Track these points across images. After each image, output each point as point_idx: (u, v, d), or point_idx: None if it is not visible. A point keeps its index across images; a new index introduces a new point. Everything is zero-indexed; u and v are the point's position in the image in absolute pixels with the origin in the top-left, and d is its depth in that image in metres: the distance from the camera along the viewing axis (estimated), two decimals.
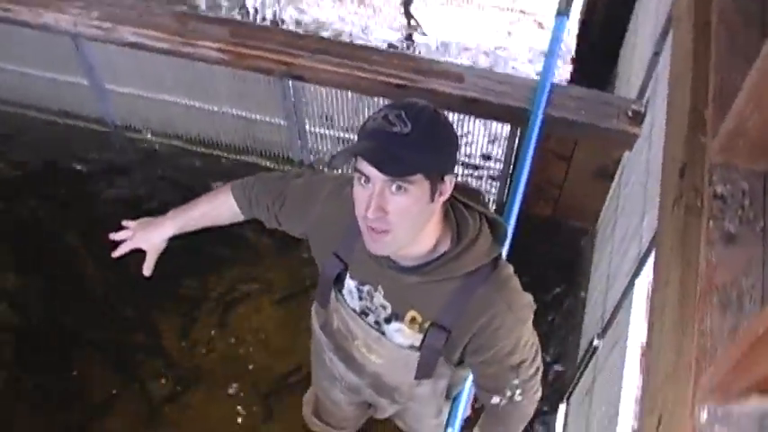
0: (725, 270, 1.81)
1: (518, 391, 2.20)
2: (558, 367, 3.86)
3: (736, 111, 1.84)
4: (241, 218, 2.50)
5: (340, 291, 2.27)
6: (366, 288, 2.18)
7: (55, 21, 3.89)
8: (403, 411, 2.81)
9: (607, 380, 2.95)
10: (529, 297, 2.14)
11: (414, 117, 1.80)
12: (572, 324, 3.96)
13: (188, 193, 2.69)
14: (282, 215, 2.36)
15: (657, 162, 2.81)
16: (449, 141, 1.89)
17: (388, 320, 2.20)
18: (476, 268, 2.03)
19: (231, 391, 3.79)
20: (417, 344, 2.18)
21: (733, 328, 1.72)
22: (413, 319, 2.14)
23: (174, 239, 2.50)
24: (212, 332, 3.98)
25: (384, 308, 2.18)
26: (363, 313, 2.24)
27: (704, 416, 1.62)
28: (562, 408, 3.66)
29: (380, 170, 1.79)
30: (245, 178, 2.46)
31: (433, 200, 1.88)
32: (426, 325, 2.12)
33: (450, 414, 2.62)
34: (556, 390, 3.77)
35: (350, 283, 2.22)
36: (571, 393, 3.60)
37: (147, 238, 2.48)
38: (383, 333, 2.23)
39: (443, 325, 2.10)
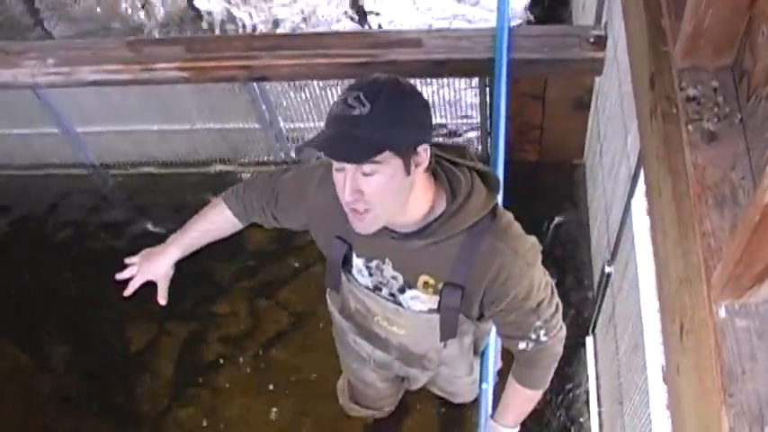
0: (713, 169, 1.83)
1: (542, 332, 2.21)
2: (576, 303, 3.88)
3: (691, 13, 1.86)
4: (240, 226, 2.52)
5: (349, 271, 2.29)
6: (374, 263, 2.20)
7: (13, 77, 3.88)
8: (436, 377, 2.84)
9: (625, 303, 2.98)
10: (533, 239, 2.15)
11: (373, 95, 1.79)
12: (580, 258, 3.99)
13: (183, 213, 2.70)
14: (279, 212, 2.37)
15: (628, 79, 2.83)
16: (415, 111, 1.88)
17: (401, 290, 2.21)
18: (476, 221, 2.05)
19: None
20: (435, 306, 2.20)
21: (733, 223, 1.74)
22: (426, 284, 2.16)
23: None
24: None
25: (395, 279, 2.20)
26: (377, 288, 2.26)
27: (723, 313, 1.64)
28: (589, 340, 3.69)
29: (341, 160, 1.82)
30: (235, 186, 2.48)
31: (409, 172, 1.88)
32: (440, 286, 2.14)
33: (481, 369, 2.65)
34: (579, 325, 3.81)
35: (357, 262, 2.23)
36: (595, 325, 3.63)
37: (153, 269, 2.49)
38: (399, 303, 2.25)
39: (456, 282, 2.11)
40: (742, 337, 1.62)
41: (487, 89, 3.73)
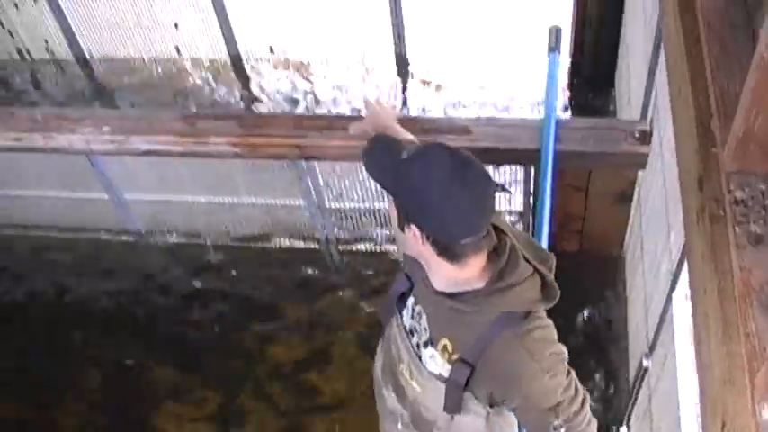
0: (759, 271, 1.87)
1: (563, 430, 2.22)
2: (611, 394, 3.88)
3: (740, 117, 1.91)
4: None
5: (401, 309, 2.40)
6: (418, 308, 2.31)
7: (68, 143, 3.99)
8: None
9: (663, 397, 2.98)
10: (559, 348, 2.19)
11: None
12: (617, 349, 3.99)
13: (226, 285, 2.77)
14: None
15: (673, 175, 2.87)
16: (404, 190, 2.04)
17: (425, 344, 2.29)
18: (508, 312, 2.11)
19: None
20: (446, 375, 2.26)
21: None
22: (444, 348, 2.22)
23: None
24: None
25: (426, 330, 2.29)
26: (411, 333, 2.35)
27: (766, 414, 1.66)
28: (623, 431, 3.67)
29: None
30: None
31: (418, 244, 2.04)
32: (455, 357, 2.20)
33: None
34: (613, 415, 3.79)
35: (410, 301, 2.35)
36: (629, 416, 3.62)
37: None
38: (420, 357, 2.32)
39: (468, 361, 2.17)
40: None
41: (532, 179, 3.78)
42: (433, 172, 1.94)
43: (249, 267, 4.55)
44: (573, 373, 2.22)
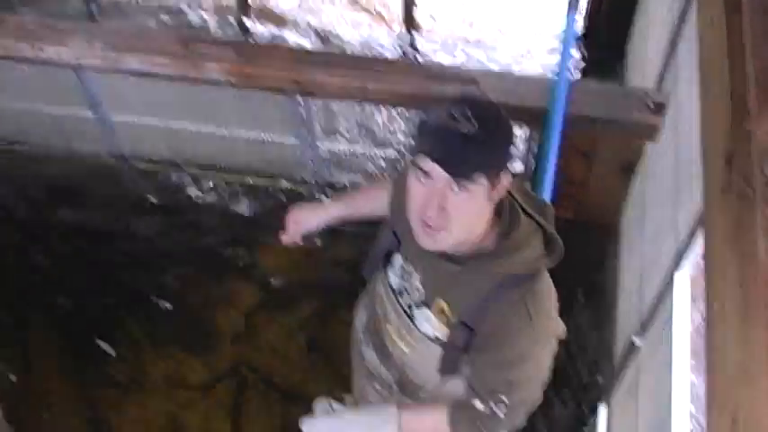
0: None
1: (502, 407, 2.11)
2: (592, 368, 3.78)
3: None
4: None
5: (387, 267, 2.27)
6: (409, 268, 2.18)
7: (57, 54, 3.82)
8: None
9: (653, 379, 2.88)
10: (558, 325, 2.12)
11: (479, 116, 1.78)
12: (604, 323, 3.89)
13: (208, 218, 2.64)
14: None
15: (689, 152, 2.75)
16: (509, 139, 1.90)
17: (418, 305, 2.18)
18: (515, 275, 1.99)
19: None
20: (443, 338, 2.15)
21: None
22: (441, 310, 2.11)
23: None
24: None
25: (418, 291, 2.17)
26: (400, 293, 2.23)
27: None
28: (602, 408, 3.58)
29: (448, 171, 1.78)
30: None
31: (490, 198, 1.88)
32: (453, 320, 2.09)
33: None
34: (592, 391, 3.71)
35: (398, 260, 2.22)
36: (611, 394, 3.53)
37: (309, 220, 2.61)
38: (413, 318, 2.21)
39: (469, 324, 2.06)
40: None
41: (537, 140, 3.65)
42: (497, 108, 1.87)
43: (230, 201, 4.40)
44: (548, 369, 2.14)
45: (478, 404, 2.14)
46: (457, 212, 1.84)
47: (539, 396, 2.17)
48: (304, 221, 2.61)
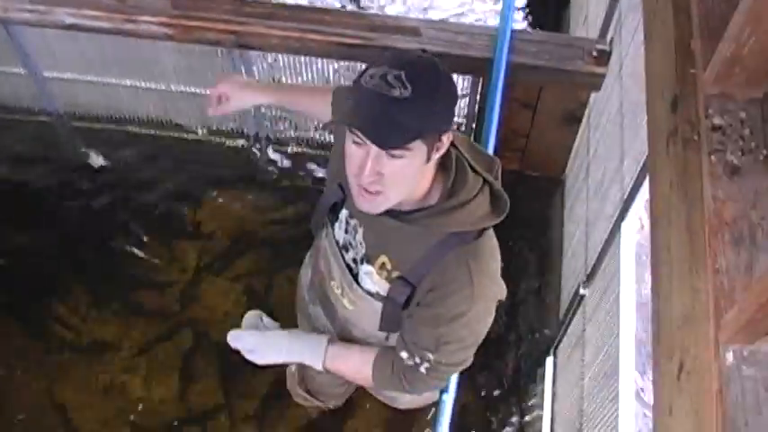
0: (733, 204, 1.74)
1: (426, 365, 2.09)
2: (539, 320, 3.79)
3: (731, 37, 1.76)
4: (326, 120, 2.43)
5: (332, 221, 2.22)
6: (353, 222, 2.14)
7: None
8: None
9: (600, 329, 2.88)
10: (499, 287, 2.07)
11: (415, 78, 1.69)
12: (549, 273, 3.89)
13: (146, 175, 2.56)
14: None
15: (632, 100, 2.74)
16: (450, 100, 1.81)
17: (361, 260, 2.14)
18: (458, 232, 1.95)
19: None
20: (383, 293, 2.12)
21: (748, 264, 1.66)
22: (382, 265, 2.08)
23: None
24: None
25: (362, 246, 2.13)
26: (344, 248, 2.19)
27: (730, 357, 1.55)
28: (549, 360, 3.59)
29: (376, 143, 1.71)
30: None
31: (429, 159, 1.82)
32: (394, 275, 2.06)
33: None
34: (538, 343, 3.71)
35: (343, 213, 2.17)
36: (558, 345, 3.54)
37: (241, 96, 2.56)
38: (356, 276, 2.17)
39: (409, 280, 2.03)
40: (749, 386, 1.53)
41: (479, 90, 3.61)
42: (437, 67, 1.77)
43: (170, 157, 4.31)
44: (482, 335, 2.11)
45: (404, 354, 2.12)
46: (394, 177, 1.79)
47: (466, 359, 2.15)
48: (234, 98, 2.55)
